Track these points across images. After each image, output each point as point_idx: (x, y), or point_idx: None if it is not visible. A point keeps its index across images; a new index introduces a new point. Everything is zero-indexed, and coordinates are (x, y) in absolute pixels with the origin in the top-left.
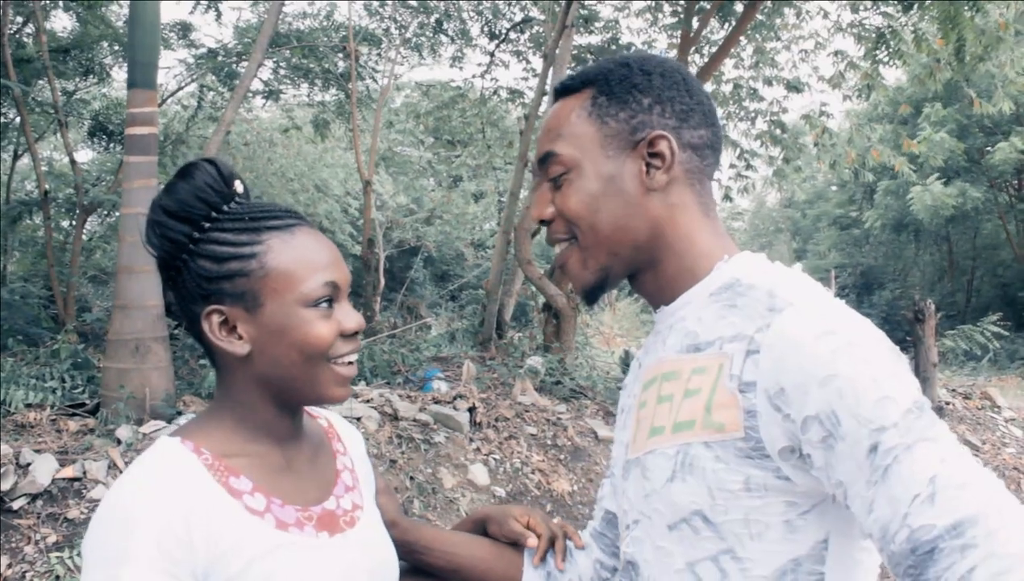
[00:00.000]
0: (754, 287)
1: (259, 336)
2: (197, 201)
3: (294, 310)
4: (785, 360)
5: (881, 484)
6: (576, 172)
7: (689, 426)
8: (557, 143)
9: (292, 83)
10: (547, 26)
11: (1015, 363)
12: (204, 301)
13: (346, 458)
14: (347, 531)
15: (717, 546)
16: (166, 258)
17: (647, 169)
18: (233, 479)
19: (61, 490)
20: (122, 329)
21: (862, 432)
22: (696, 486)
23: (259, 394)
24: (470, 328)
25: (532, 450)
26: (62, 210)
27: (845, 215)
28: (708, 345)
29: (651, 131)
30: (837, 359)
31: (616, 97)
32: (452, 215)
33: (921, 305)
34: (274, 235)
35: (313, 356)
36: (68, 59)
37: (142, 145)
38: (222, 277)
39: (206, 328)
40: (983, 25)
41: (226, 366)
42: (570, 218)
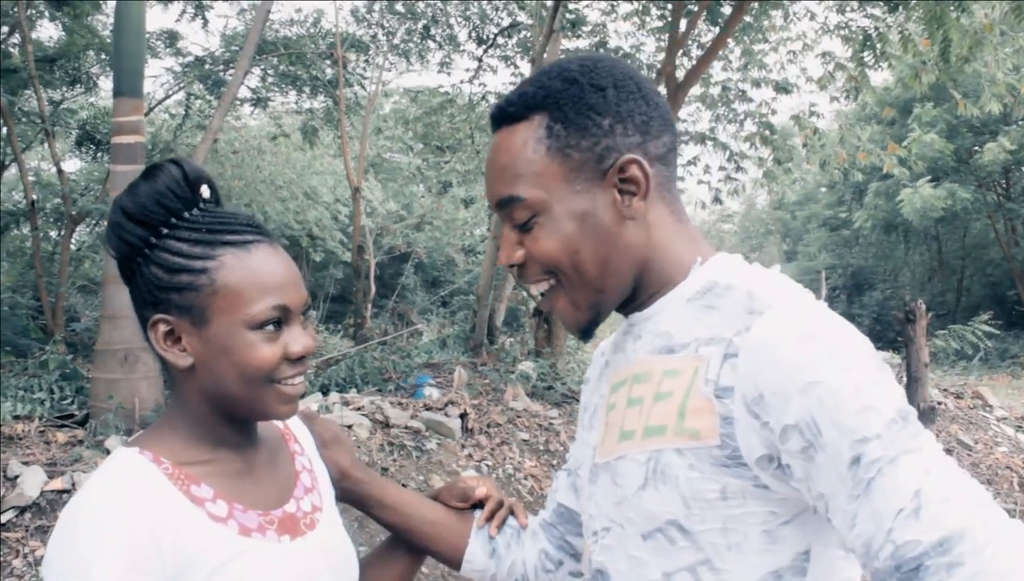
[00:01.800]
0: (732, 288)
1: (202, 351)
2: (156, 205)
3: (239, 331)
4: (764, 365)
5: (864, 498)
6: (545, 214)
7: (660, 431)
8: (517, 186)
9: (280, 90)
10: (535, 31)
11: (1006, 362)
12: (153, 308)
13: (304, 458)
14: (308, 534)
15: (694, 556)
16: (121, 260)
17: (621, 196)
18: (194, 487)
19: (50, 502)
20: (110, 339)
21: (844, 443)
22: (669, 495)
23: (207, 406)
24: (461, 334)
25: (524, 456)
26: (50, 220)
27: (835, 216)
28: (682, 347)
29: (619, 156)
30: (818, 365)
31: (573, 124)
32: (442, 221)
33: (912, 305)
34: (229, 251)
35: (253, 379)
36: (54, 68)
37: (129, 154)
38: (171, 288)
39: (151, 336)
40: (968, 25)
41: (174, 375)
42: (547, 263)
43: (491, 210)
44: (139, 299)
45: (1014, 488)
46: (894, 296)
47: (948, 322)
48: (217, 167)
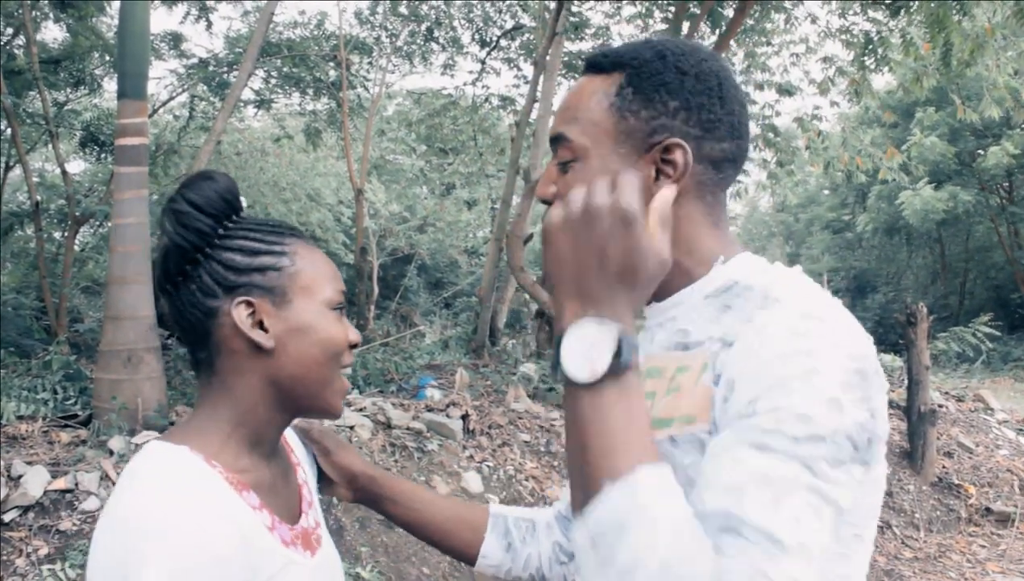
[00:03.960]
0: (750, 289)
1: (284, 332)
2: (221, 200)
3: (320, 310)
4: (749, 353)
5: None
6: (584, 162)
7: (667, 424)
8: (571, 126)
9: (283, 92)
10: (538, 33)
11: (1008, 365)
12: (228, 293)
13: (301, 470)
14: (319, 550)
15: None
16: (185, 249)
17: (656, 176)
18: (246, 493)
19: (53, 502)
20: (114, 340)
21: (766, 420)
22: None
23: (266, 396)
24: (463, 335)
25: (526, 457)
26: (54, 221)
27: (838, 219)
28: (697, 344)
29: (668, 137)
30: (794, 362)
31: (643, 92)
32: (445, 223)
33: (913, 308)
34: (296, 240)
35: (332, 357)
36: (59, 70)
37: (133, 156)
38: (253, 269)
39: (235, 317)
40: (970, 29)
41: (235, 366)
42: None
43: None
44: (202, 289)
45: (1015, 491)
46: (897, 299)
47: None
48: (221, 168)
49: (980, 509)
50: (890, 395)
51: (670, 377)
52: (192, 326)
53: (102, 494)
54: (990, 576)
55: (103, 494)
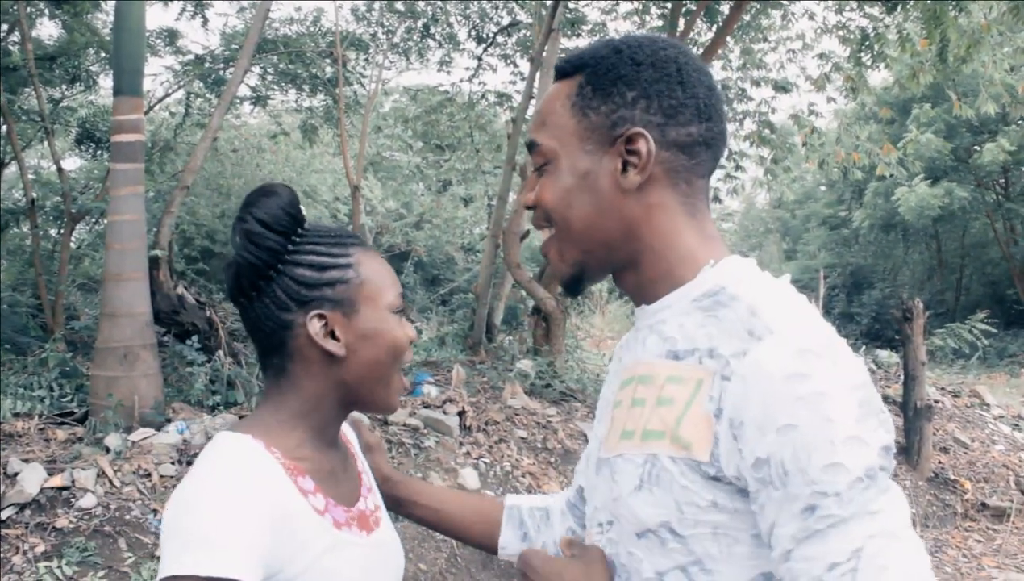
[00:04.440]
0: (736, 299)
1: (354, 340)
2: (287, 216)
3: (385, 315)
4: (751, 395)
5: (807, 543)
6: (555, 163)
7: (659, 436)
8: (540, 132)
9: (280, 89)
10: (534, 29)
11: (1004, 360)
12: (302, 307)
13: (360, 460)
14: (376, 530)
15: (685, 558)
16: (258, 267)
17: (623, 168)
18: (300, 479)
19: (49, 499)
20: (110, 337)
21: (804, 491)
22: (663, 498)
23: (334, 397)
24: (460, 332)
25: (522, 453)
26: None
27: (834, 215)
28: (687, 354)
29: (630, 127)
30: (800, 409)
31: (600, 88)
32: (442, 219)
33: (909, 304)
34: (358, 250)
35: (397, 357)
36: (54, 67)
37: (128, 152)
38: (324, 284)
39: (311, 330)
40: (966, 25)
41: (308, 371)
42: (547, 208)
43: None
44: (276, 303)
45: (1010, 486)
46: (893, 295)
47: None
48: (217, 165)
49: (976, 504)
50: (886, 391)
51: (660, 386)
52: (267, 336)
53: (99, 491)
54: (986, 571)
55: (100, 491)
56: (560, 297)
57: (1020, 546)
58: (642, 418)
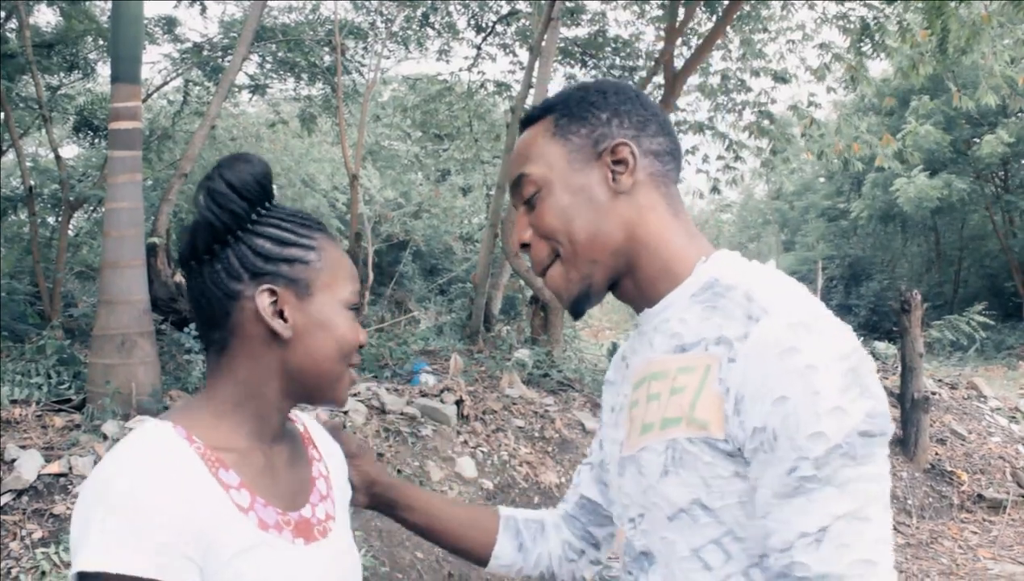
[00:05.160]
0: (732, 288)
1: (303, 324)
2: (257, 185)
3: (339, 308)
4: (751, 371)
5: (784, 502)
6: (547, 189)
7: (676, 422)
8: (526, 165)
9: (278, 77)
10: (534, 19)
11: (1002, 353)
12: (254, 279)
13: (321, 465)
14: (320, 541)
15: (718, 530)
16: (218, 229)
17: (612, 176)
18: (223, 471)
19: (47, 486)
20: (108, 324)
21: (790, 455)
22: (689, 477)
23: (275, 382)
24: (458, 321)
25: (520, 443)
26: (48, 206)
27: (833, 206)
28: (693, 346)
29: (612, 140)
30: (792, 382)
31: (576, 116)
32: (440, 209)
33: (907, 295)
34: (323, 237)
35: (345, 354)
36: (52, 54)
37: (126, 140)
38: (282, 259)
39: (258, 303)
40: (966, 16)
41: (249, 351)
42: (547, 233)
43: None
44: (228, 271)
45: (1007, 478)
46: (891, 287)
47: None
48: (215, 154)
49: (972, 496)
50: (884, 382)
51: (672, 378)
52: (210, 305)
53: None
54: (981, 562)
55: None
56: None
57: (1016, 538)
58: (659, 410)
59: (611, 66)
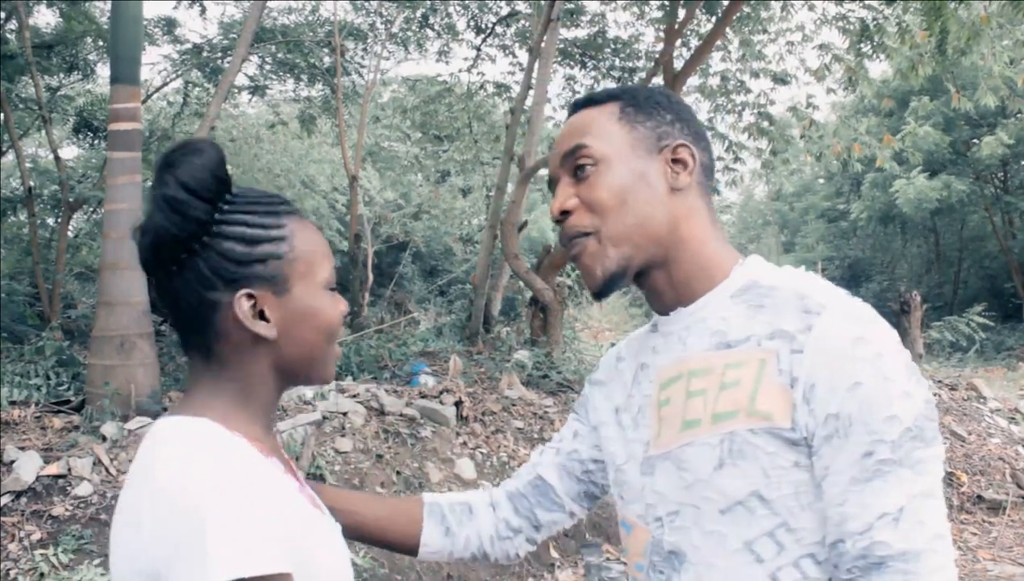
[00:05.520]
0: (777, 288)
1: (285, 319)
2: (214, 180)
3: (318, 293)
4: (822, 360)
5: (862, 486)
6: (605, 165)
7: (732, 415)
8: (586, 138)
9: (278, 78)
10: (533, 20)
11: (1001, 354)
12: (229, 285)
13: None
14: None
15: (773, 522)
16: (180, 238)
17: (671, 171)
18: (271, 459)
19: (46, 487)
20: (107, 325)
21: (865, 439)
22: (749, 468)
23: (271, 378)
24: (457, 323)
25: (519, 444)
26: (47, 207)
27: (833, 208)
28: (740, 342)
29: (674, 140)
30: (866, 369)
31: (643, 108)
32: (440, 210)
33: (907, 297)
34: (292, 219)
35: (332, 336)
36: (52, 55)
37: (126, 141)
38: (254, 260)
39: (237, 312)
40: (966, 17)
41: (239, 354)
42: (597, 206)
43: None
44: (200, 281)
45: (1006, 479)
46: (891, 288)
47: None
48: None
49: (972, 497)
50: None
51: (720, 373)
52: (188, 314)
53: (95, 479)
54: (981, 563)
55: (96, 479)
56: (557, 288)
57: (1015, 539)
58: (707, 405)
59: (611, 67)
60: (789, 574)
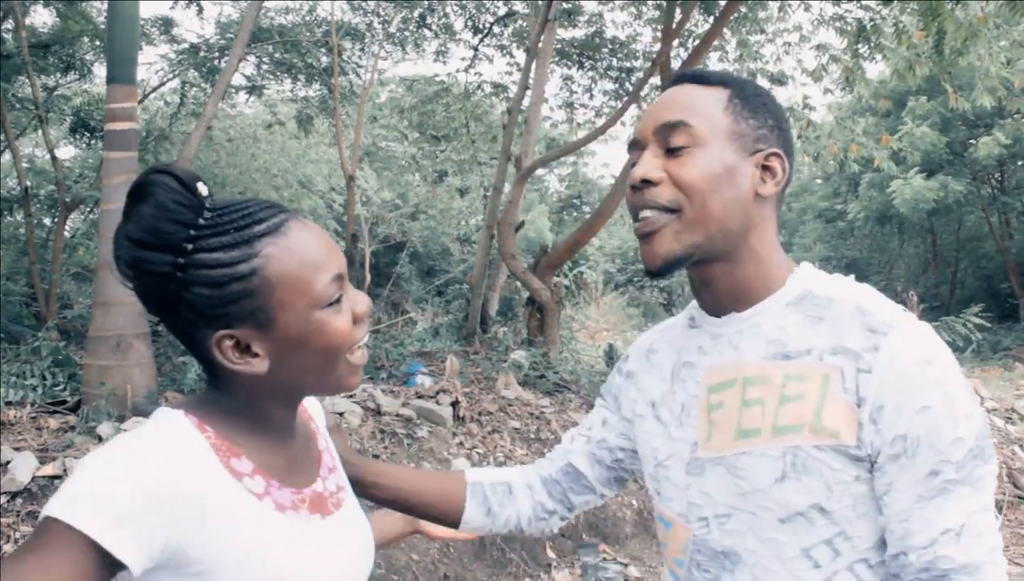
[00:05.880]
0: (834, 301)
1: (277, 351)
2: (169, 223)
3: (309, 316)
4: (890, 381)
5: (926, 503)
6: (703, 149)
7: (796, 429)
8: (690, 115)
9: (275, 78)
10: (530, 20)
11: (998, 354)
12: (208, 327)
13: (322, 438)
14: (335, 513)
15: (831, 531)
16: (150, 294)
17: (760, 176)
18: (235, 460)
19: (41, 488)
20: (103, 326)
21: (932, 459)
22: (812, 483)
23: (273, 399)
24: (454, 323)
25: (515, 444)
26: (44, 207)
27: (830, 208)
28: (801, 354)
29: (770, 148)
30: (934, 392)
31: (750, 106)
32: (437, 210)
33: (903, 296)
34: (266, 241)
35: (339, 349)
36: (48, 55)
37: (122, 141)
38: (226, 301)
39: (218, 356)
40: (963, 18)
41: (236, 381)
42: (685, 185)
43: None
44: (186, 323)
45: (1003, 479)
46: (888, 288)
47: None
48: (212, 155)
49: None
50: None
51: (780, 384)
52: (190, 348)
53: None
54: None
55: None
56: (554, 288)
57: (1012, 538)
58: (766, 416)
59: (608, 67)
60: (844, 578)
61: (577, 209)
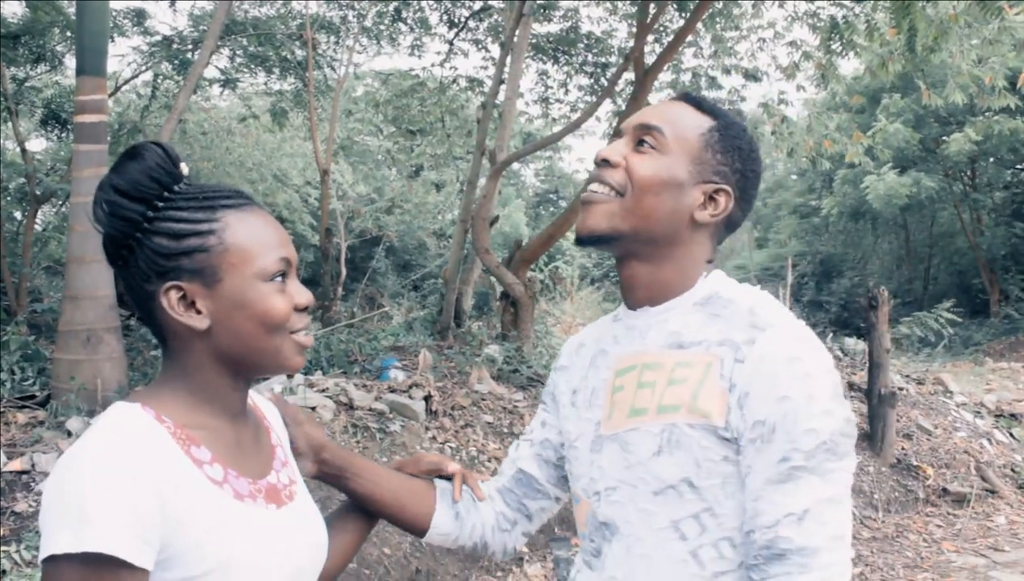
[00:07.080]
0: (733, 302)
1: (218, 310)
2: (149, 181)
3: (252, 284)
4: (759, 373)
5: (775, 486)
6: (664, 155)
7: (675, 409)
8: (670, 127)
9: (249, 71)
10: (506, 15)
11: (969, 349)
12: (160, 278)
13: (275, 434)
14: (288, 504)
15: (698, 506)
16: (117, 237)
17: (704, 203)
18: (194, 448)
19: (9, 483)
20: (73, 320)
21: (785, 446)
22: (683, 458)
23: (216, 369)
24: (429, 317)
25: (488, 438)
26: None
27: (805, 204)
28: (693, 344)
29: (723, 183)
30: (795, 385)
31: (724, 142)
32: (413, 205)
33: (875, 292)
34: (229, 213)
35: (272, 328)
36: (18, 46)
37: (92, 133)
38: (180, 253)
39: (164, 304)
40: (935, 16)
41: (181, 343)
42: (634, 177)
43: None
44: (139, 274)
45: (971, 472)
46: (862, 284)
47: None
48: (186, 148)
49: (937, 490)
50: (852, 378)
51: (670, 370)
52: (138, 305)
53: None
54: (945, 555)
55: None
56: (528, 283)
57: (979, 531)
58: (654, 397)
59: (583, 62)
60: (708, 552)
61: (553, 204)
